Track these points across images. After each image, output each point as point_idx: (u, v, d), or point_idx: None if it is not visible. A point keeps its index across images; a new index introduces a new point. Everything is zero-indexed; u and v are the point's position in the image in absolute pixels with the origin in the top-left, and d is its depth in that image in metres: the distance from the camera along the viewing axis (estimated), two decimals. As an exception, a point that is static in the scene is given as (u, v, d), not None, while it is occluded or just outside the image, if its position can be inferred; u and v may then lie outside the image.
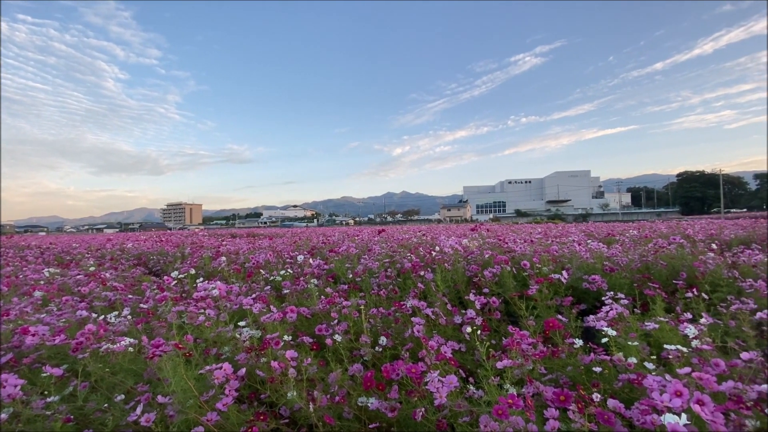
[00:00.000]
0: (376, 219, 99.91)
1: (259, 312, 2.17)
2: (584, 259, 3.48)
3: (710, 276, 2.94)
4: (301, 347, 1.95)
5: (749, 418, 1.14)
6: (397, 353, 2.00)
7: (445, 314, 2.33)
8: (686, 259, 3.39)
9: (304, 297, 2.70)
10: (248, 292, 2.84)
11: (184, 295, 3.10)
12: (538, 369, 1.65)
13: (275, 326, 2.03)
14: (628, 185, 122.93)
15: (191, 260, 4.70)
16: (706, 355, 1.53)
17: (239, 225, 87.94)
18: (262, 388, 1.59)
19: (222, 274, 3.60)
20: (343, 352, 1.86)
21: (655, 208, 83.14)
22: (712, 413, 0.99)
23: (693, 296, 2.33)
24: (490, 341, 2.18)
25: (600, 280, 2.74)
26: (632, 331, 1.76)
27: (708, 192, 70.53)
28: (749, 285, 2.64)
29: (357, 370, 1.75)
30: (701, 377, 1.21)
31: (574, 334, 2.03)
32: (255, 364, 1.71)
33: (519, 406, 1.04)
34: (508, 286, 2.85)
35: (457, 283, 3.11)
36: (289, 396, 1.43)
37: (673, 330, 1.78)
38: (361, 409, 1.53)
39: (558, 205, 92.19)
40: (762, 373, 1.43)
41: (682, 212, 67.43)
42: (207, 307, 2.23)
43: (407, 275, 3.25)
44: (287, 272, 3.13)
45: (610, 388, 1.52)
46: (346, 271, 3.38)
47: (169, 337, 1.82)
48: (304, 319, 2.36)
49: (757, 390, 1.23)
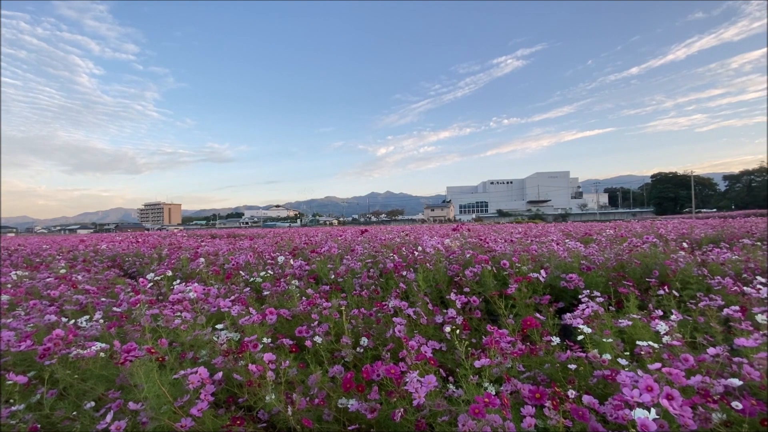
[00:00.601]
0: (361, 219, 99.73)
1: (237, 314, 2.13)
2: (562, 258, 3.56)
3: (681, 274, 3.05)
4: (280, 350, 1.92)
5: (715, 412, 1.19)
6: (379, 354, 2.00)
7: (427, 314, 2.34)
8: (659, 257, 3.50)
9: (284, 298, 2.66)
10: (227, 294, 2.78)
11: (161, 297, 3.02)
12: (516, 367, 1.68)
13: (254, 329, 1.99)
14: (605, 186, 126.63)
15: (168, 262, 4.58)
16: (676, 351, 1.59)
17: (220, 225, 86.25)
18: (239, 392, 1.56)
19: (200, 275, 3.52)
20: (324, 353, 1.84)
21: (631, 208, 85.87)
22: (681, 407, 1.03)
23: (665, 293, 2.41)
24: (470, 340, 2.20)
25: (577, 279, 2.81)
26: (607, 329, 1.80)
27: (680, 192, 73.25)
28: (717, 282, 2.75)
29: (338, 371, 1.74)
30: (671, 372, 1.25)
31: (552, 332, 2.07)
32: (233, 367, 1.67)
33: (495, 404, 1.05)
34: (489, 285, 2.89)
35: (439, 283, 3.13)
36: (267, 399, 1.41)
37: (646, 327, 1.84)
38: (341, 411, 1.52)
39: (538, 205, 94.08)
40: (728, 367, 1.49)
41: (656, 212, 69.83)
42: (184, 310, 2.18)
43: (390, 275, 3.25)
44: (268, 273, 3.08)
45: (585, 385, 1.55)
46: (328, 272, 3.35)
47: (143, 342, 1.76)
48: (285, 321, 2.33)
49: (723, 384, 1.28)
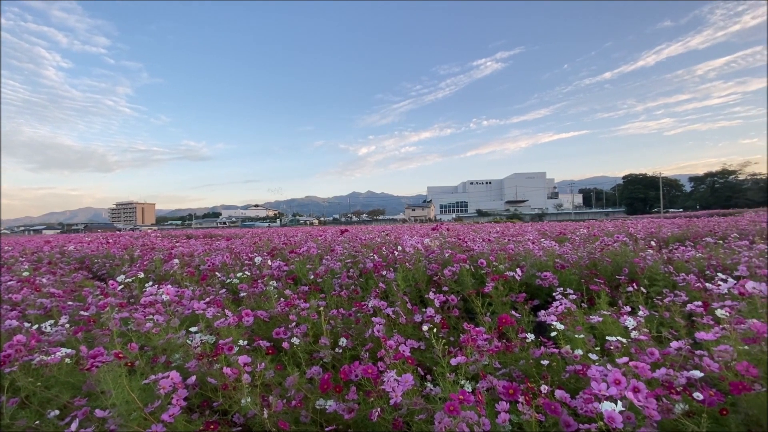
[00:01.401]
0: (342, 219, 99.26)
1: (213, 316, 2.08)
2: (538, 257, 3.64)
3: (649, 271, 3.17)
4: (257, 352, 1.89)
5: (678, 403, 1.24)
6: (358, 354, 1.99)
7: (406, 313, 2.35)
8: (628, 255, 3.64)
9: (262, 300, 2.62)
10: (202, 295, 2.72)
11: (132, 300, 2.92)
12: (493, 364, 1.71)
13: (230, 331, 1.95)
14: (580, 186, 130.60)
15: (141, 263, 4.43)
16: (643, 345, 1.65)
17: (196, 225, 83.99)
18: (214, 396, 1.52)
19: (175, 277, 3.42)
20: (302, 355, 1.83)
21: (604, 208, 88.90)
22: (645, 399, 1.07)
23: (633, 290, 2.51)
24: (448, 338, 2.23)
25: (551, 277, 2.88)
26: (579, 325, 1.86)
27: (650, 193, 76.37)
28: (682, 279, 2.88)
29: (316, 372, 1.73)
30: (637, 366, 1.30)
31: (527, 329, 2.12)
32: (207, 371, 1.64)
33: (470, 401, 1.07)
34: (467, 283, 2.93)
35: (419, 282, 3.15)
36: (243, 403, 1.38)
37: (615, 322, 1.91)
38: (318, 412, 1.51)
39: (516, 205, 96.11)
40: (691, 360, 1.56)
41: (627, 212, 72.54)
42: (156, 313, 2.11)
43: (369, 275, 3.25)
44: (245, 275, 3.03)
45: (558, 380, 1.60)
46: (307, 273, 3.32)
47: (111, 347, 1.70)
48: (262, 323, 2.30)
49: (686, 376, 1.34)
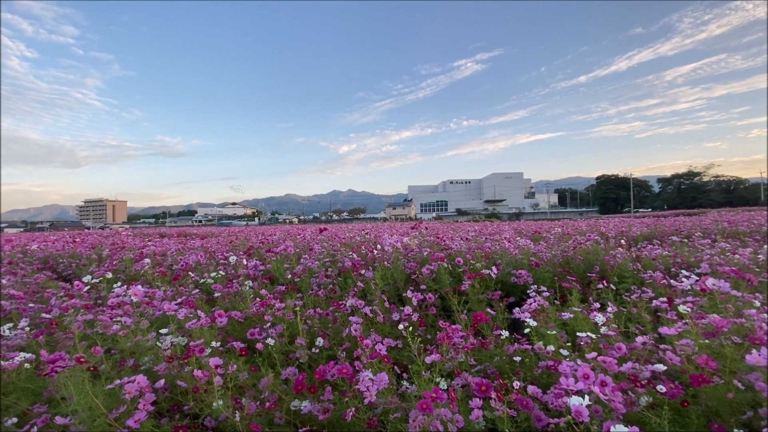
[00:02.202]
0: (322, 217, 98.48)
1: (184, 317, 2.02)
2: (513, 255, 3.72)
3: (618, 269, 3.29)
4: (231, 353, 1.85)
5: (643, 395, 1.29)
6: (334, 354, 1.98)
7: (383, 312, 2.35)
8: (599, 254, 3.76)
9: (237, 300, 2.56)
10: (174, 296, 2.64)
11: (99, 302, 2.80)
12: (468, 361, 1.73)
13: (202, 332, 1.90)
14: (555, 186, 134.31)
15: (110, 263, 4.25)
16: (611, 340, 1.71)
17: (170, 224, 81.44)
18: (184, 399, 1.48)
19: (145, 277, 3.30)
20: (277, 356, 1.80)
21: (578, 207, 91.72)
22: (612, 392, 1.10)
23: (604, 287, 2.59)
24: (425, 336, 2.24)
25: (526, 275, 2.94)
26: (551, 321, 1.91)
27: (621, 194, 79.35)
28: (649, 276, 3.00)
29: (291, 373, 1.70)
30: (605, 360, 1.35)
31: (502, 326, 2.16)
32: (177, 374, 1.59)
33: (443, 399, 1.08)
34: (445, 282, 2.95)
35: (397, 281, 3.16)
36: (214, 406, 1.35)
37: (586, 318, 1.96)
38: (293, 414, 1.49)
39: (495, 204, 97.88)
40: (655, 354, 1.62)
41: (600, 211, 75.08)
42: (124, 315, 2.03)
43: (348, 274, 3.23)
44: (219, 274, 2.95)
45: (531, 375, 1.63)
46: (284, 272, 3.28)
47: (74, 350, 1.62)
48: (237, 324, 2.25)
49: (650, 369, 1.39)
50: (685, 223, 8.73)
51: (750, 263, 3.28)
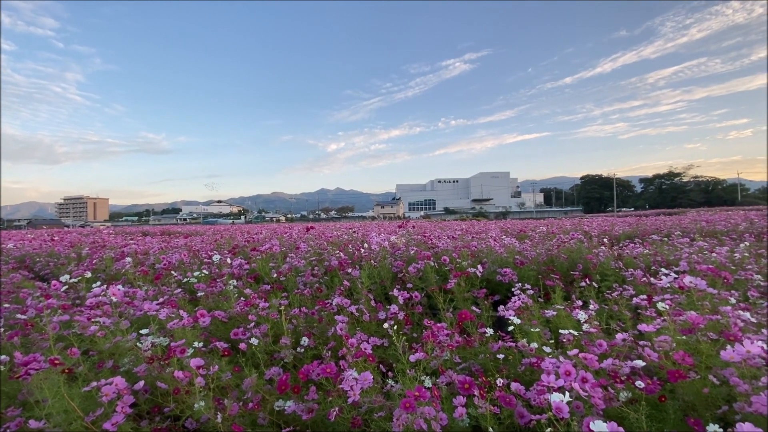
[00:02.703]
0: (310, 216, 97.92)
1: (166, 317, 1.98)
2: (499, 253, 3.75)
3: (601, 267, 3.35)
4: (214, 354, 1.82)
5: (622, 391, 1.32)
6: (320, 353, 1.97)
7: (370, 311, 2.35)
8: (583, 252, 3.83)
9: (220, 300, 2.52)
10: (156, 296, 2.58)
11: (78, 302, 2.72)
12: (453, 359, 1.74)
13: (185, 332, 1.86)
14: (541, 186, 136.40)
15: (89, 262, 4.14)
16: (593, 337, 1.74)
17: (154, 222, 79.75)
18: (164, 401, 1.45)
19: (126, 277, 3.23)
20: (261, 356, 1.77)
21: (563, 206, 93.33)
22: (592, 389, 1.12)
23: (586, 285, 2.64)
24: (411, 334, 2.25)
25: (511, 273, 2.97)
26: (535, 319, 1.93)
27: (605, 193, 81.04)
28: (630, 274, 3.07)
29: (275, 373, 1.68)
30: (586, 357, 1.37)
31: (487, 324, 2.18)
32: (158, 375, 1.55)
33: (426, 397, 1.08)
34: (431, 280, 2.97)
35: (384, 279, 3.16)
36: (196, 407, 1.32)
37: (569, 316, 1.99)
38: (277, 414, 1.47)
39: (482, 203, 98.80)
40: (635, 350, 1.66)
41: (584, 211, 76.55)
42: (103, 315, 1.98)
43: (334, 273, 3.22)
44: (203, 273, 2.90)
45: (514, 372, 1.65)
46: (269, 271, 3.24)
47: (49, 352, 1.57)
48: (220, 324, 2.21)
49: (629, 365, 1.42)
50: (666, 223, 8.96)
51: (726, 261, 3.39)
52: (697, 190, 68.01)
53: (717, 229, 6.85)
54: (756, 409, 1.10)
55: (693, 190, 68.58)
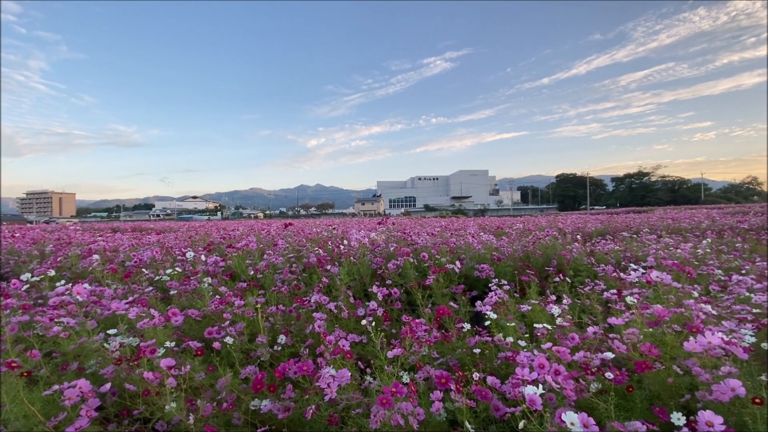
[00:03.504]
0: (289, 212, 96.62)
1: (136, 317, 1.90)
2: (477, 250, 3.81)
3: (574, 263, 3.45)
4: (187, 353, 1.77)
5: (593, 382, 1.36)
6: (297, 351, 1.94)
7: (348, 308, 2.34)
8: (557, 248, 3.93)
9: (194, 298, 2.45)
10: (125, 294, 2.48)
11: (40, 301, 2.59)
12: (431, 354, 1.75)
13: (156, 332, 1.80)
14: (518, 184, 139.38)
15: (53, 259, 3.94)
16: (566, 331, 1.79)
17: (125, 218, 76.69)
18: (133, 403, 1.39)
19: (94, 275, 3.09)
20: (236, 355, 1.74)
21: (539, 204, 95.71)
22: (564, 381, 1.15)
23: (560, 280, 2.71)
24: (390, 330, 2.25)
25: (488, 269, 3.02)
26: (510, 314, 1.97)
27: (578, 192, 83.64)
28: (602, 269, 3.17)
29: (251, 372, 1.65)
30: (559, 350, 1.40)
31: (465, 319, 2.21)
32: (127, 376, 1.49)
33: (402, 393, 1.08)
34: (410, 276, 2.98)
35: (363, 276, 3.14)
36: (167, 409, 1.28)
37: (543, 310, 2.04)
38: (253, 414, 1.44)
39: (461, 201, 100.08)
40: (605, 342, 1.72)
41: (559, 208, 78.73)
42: (68, 315, 1.88)
43: (313, 270, 3.18)
44: (176, 271, 2.81)
45: (491, 366, 1.68)
46: (246, 268, 3.17)
47: (7, 355, 1.49)
48: (194, 323, 2.15)
49: (600, 357, 1.47)
50: (635, 220, 9.33)
51: (690, 257, 3.55)
52: (664, 189, 71.14)
53: (682, 227, 7.19)
54: (716, 397, 1.15)
55: (660, 189, 71.68)
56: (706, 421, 1.00)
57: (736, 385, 1.12)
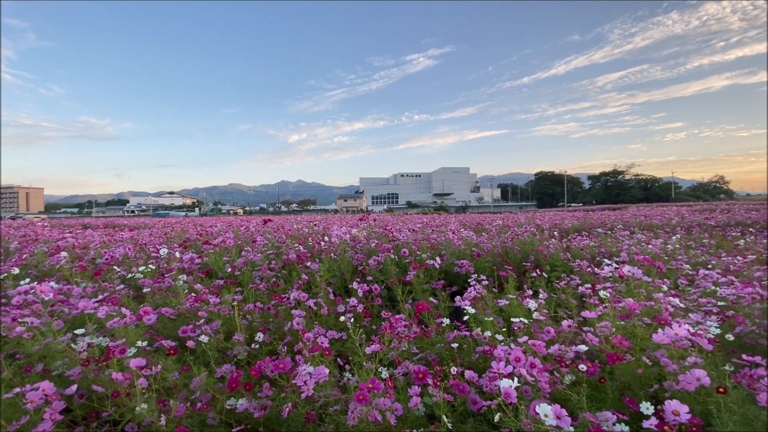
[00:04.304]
0: (269, 209, 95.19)
1: (105, 316, 1.83)
2: (457, 246, 3.85)
3: (551, 258, 3.53)
4: (160, 353, 1.72)
5: (567, 374, 1.39)
6: (275, 349, 1.92)
7: (328, 304, 2.32)
8: (535, 244, 4.01)
9: (169, 296, 2.38)
10: (95, 293, 2.39)
11: (4, 301, 2.46)
12: (410, 349, 1.75)
13: (127, 331, 1.74)
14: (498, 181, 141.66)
15: (18, 257, 3.75)
16: (542, 325, 1.82)
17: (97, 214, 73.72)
18: (101, 405, 1.34)
19: (62, 273, 2.96)
20: (212, 353, 1.69)
21: (519, 201, 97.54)
22: (539, 373, 1.17)
23: (537, 275, 2.77)
24: (371, 326, 2.25)
25: (468, 264, 3.05)
26: (488, 308, 1.99)
27: (556, 189, 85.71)
28: (577, 264, 3.25)
29: (227, 371, 1.62)
30: (535, 344, 1.43)
31: (444, 314, 2.22)
32: (95, 378, 1.44)
33: (380, 389, 1.08)
34: (391, 272, 2.98)
35: (344, 273, 3.13)
36: (137, 410, 1.24)
37: (520, 305, 2.08)
38: (228, 413, 1.41)
39: (443, 197, 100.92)
40: (579, 335, 1.76)
41: (537, 205, 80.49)
42: (33, 314, 1.80)
43: (293, 266, 3.14)
44: (149, 268, 2.72)
45: (469, 360, 1.70)
46: (223, 265, 3.10)
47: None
48: (168, 321, 2.09)
49: (574, 350, 1.51)
50: (610, 217, 9.62)
51: (660, 252, 3.69)
52: (638, 187, 73.71)
53: (653, 223, 7.46)
54: (683, 386, 1.20)
55: (634, 188, 74.22)
56: (672, 410, 1.03)
57: (702, 375, 1.17)
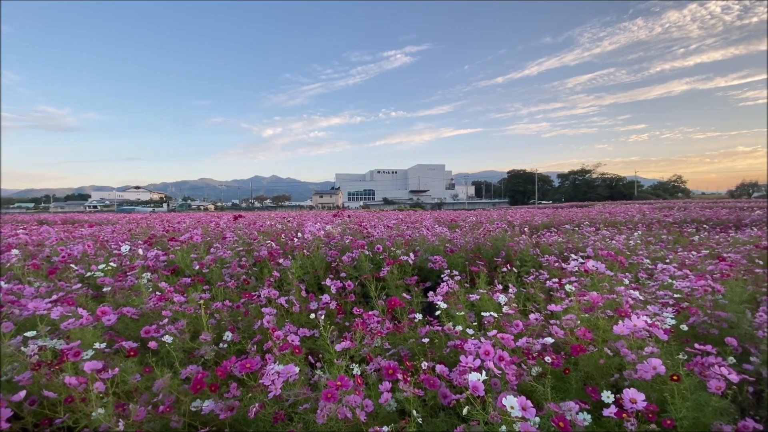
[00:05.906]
0: (242, 204, 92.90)
1: (60, 317, 1.72)
2: (431, 242, 3.88)
3: (521, 253, 3.62)
4: (120, 355, 1.64)
5: (534, 366, 1.43)
6: (244, 348, 1.87)
7: (301, 301, 2.28)
8: (506, 240, 4.11)
9: (131, 295, 2.27)
10: (50, 292, 2.25)
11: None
12: (383, 345, 1.75)
13: (83, 333, 1.64)
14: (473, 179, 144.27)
15: (-37, 256, 3.48)
16: (511, 318, 1.87)
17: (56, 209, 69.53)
18: (53, 412, 1.26)
19: (12, 271, 2.76)
20: (176, 354, 1.63)
21: (492, 198, 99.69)
22: (506, 366, 1.20)
23: (508, 270, 2.83)
24: (344, 323, 2.23)
25: (441, 260, 3.09)
26: (460, 303, 2.02)
27: (528, 187, 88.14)
28: (546, 259, 3.35)
29: (193, 371, 1.56)
30: (503, 337, 1.46)
31: (417, 310, 2.24)
32: (47, 383, 1.35)
33: (348, 386, 1.07)
34: (365, 269, 2.97)
35: (317, 269, 3.09)
36: (93, 416, 1.17)
37: (491, 299, 2.12)
38: (193, 415, 1.36)
39: (419, 194, 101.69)
40: (546, 328, 1.81)
41: (510, 203, 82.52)
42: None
43: (264, 263, 3.07)
44: (110, 266, 2.58)
45: (440, 355, 1.71)
46: (191, 263, 3.00)
47: None
48: (130, 322, 1.99)
49: (541, 343, 1.55)
50: (577, 214, 9.99)
51: (623, 247, 3.86)
52: (603, 186, 76.92)
53: (617, 220, 7.81)
54: (640, 375, 1.25)
55: (600, 186, 77.39)
56: (630, 398, 1.08)
57: (657, 364, 1.23)
